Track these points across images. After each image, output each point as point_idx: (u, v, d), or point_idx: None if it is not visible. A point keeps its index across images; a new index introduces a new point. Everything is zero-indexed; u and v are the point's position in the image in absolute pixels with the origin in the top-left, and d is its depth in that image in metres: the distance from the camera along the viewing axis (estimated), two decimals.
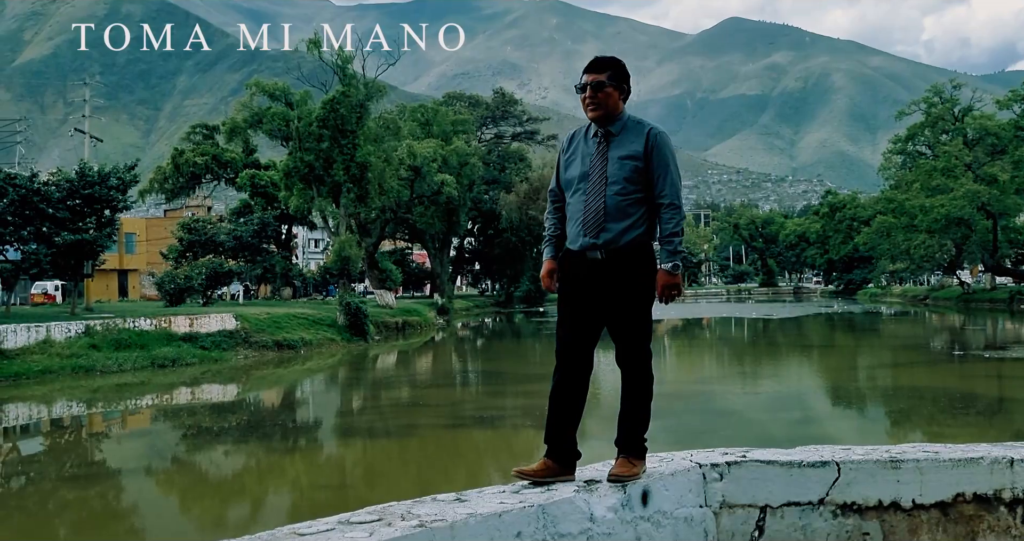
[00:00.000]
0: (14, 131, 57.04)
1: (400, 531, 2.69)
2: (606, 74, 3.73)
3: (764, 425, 17.28)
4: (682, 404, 21.77)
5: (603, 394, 24.07)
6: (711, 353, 37.77)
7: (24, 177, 33.80)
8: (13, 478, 15.63)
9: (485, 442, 16.27)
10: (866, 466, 3.48)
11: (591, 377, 3.85)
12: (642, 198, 3.62)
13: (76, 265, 35.15)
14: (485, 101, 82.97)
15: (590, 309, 3.63)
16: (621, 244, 3.58)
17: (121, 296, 64.76)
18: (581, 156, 3.76)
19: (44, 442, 19.11)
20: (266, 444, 17.82)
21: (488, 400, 21.29)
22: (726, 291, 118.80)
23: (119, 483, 15.03)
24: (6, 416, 22.42)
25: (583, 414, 3.84)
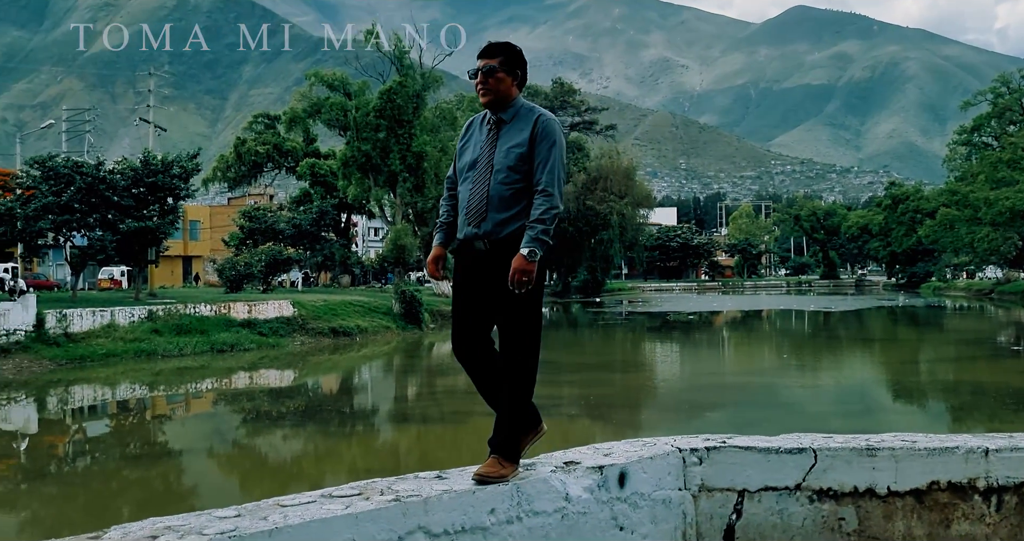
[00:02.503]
0: (84, 120, 58.48)
1: (375, 504, 2.86)
2: (498, 59, 3.59)
3: (822, 418, 17.23)
4: (740, 395, 21.79)
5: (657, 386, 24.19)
6: (770, 345, 37.53)
7: (90, 165, 34.69)
8: (79, 458, 16.22)
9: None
10: (842, 453, 3.59)
11: None
12: (526, 187, 3.50)
13: (140, 251, 36.01)
14: (544, 91, 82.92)
15: (477, 300, 3.54)
16: (503, 235, 3.48)
17: (185, 282, 66.13)
18: (473, 143, 3.66)
19: (109, 423, 19.76)
20: (323, 429, 18.24)
21: (540, 389, 21.40)
22: (786, 283, 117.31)
23: (180, 464, 15.49)
24: (72, 397, 23.20)
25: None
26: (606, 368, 27.92)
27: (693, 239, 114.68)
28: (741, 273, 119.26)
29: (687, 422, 17.68)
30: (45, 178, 33.77)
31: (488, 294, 3.52)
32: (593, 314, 56.57)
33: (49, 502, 12.69)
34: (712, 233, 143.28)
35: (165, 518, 2.67)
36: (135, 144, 49.35)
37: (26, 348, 26.38)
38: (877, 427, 15.59)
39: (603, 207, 70.54)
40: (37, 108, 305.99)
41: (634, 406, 20.59)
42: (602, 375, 25.85)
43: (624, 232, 73.80)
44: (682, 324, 48.54)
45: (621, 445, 3.78)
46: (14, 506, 12.67)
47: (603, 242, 73.33)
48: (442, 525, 2.97)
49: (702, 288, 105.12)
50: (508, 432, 3.50)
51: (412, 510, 2.92)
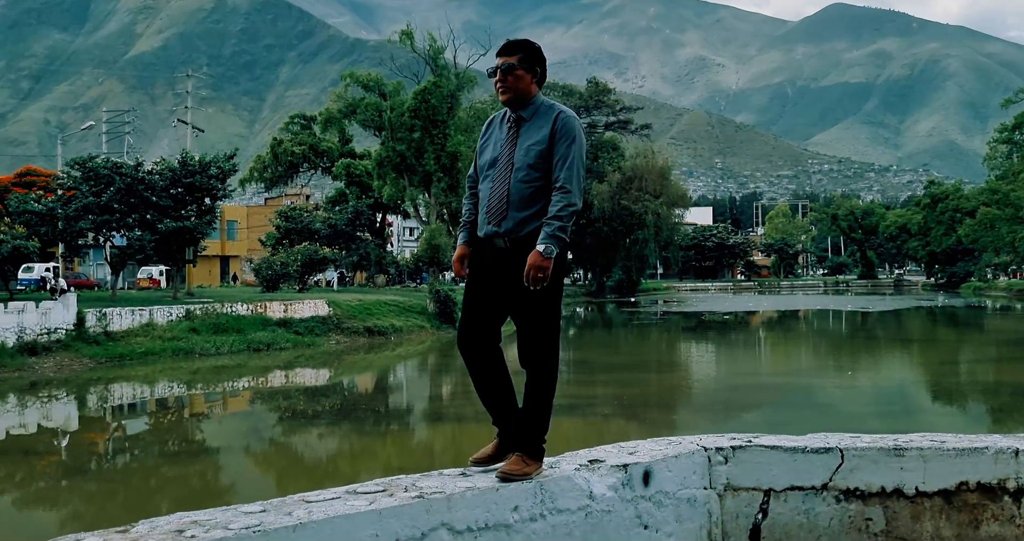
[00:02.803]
0: (124, 122, 59.19)
1: (399, 501, 2.88)
2: (517, 57, 3.57)
3: (860, 419, 17.08)
4: (776, 396, 21.67)
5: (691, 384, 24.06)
6: (807, 345, 37.27)
7: (130, 166, 35.13)
8: (119, 455, 16.45)
9: (573, 429, 16.48)
10: (870, 453, 3.56)
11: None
12: (547, 186, 3.47)
13: (178, 251, 36.41)
14: (579, 90, 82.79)
15: (492, 297, 3.53)
16: (523, 234, 3.45)
17: (223, 281, 66.74)
18: (494, 142, 3.64)
19: (147, 421, 20.01)
20: (358, 428, 18.35)
21: (576, 388, 21.42)
22: (823, 283, 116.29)
23: (217, 462, 15.66)
24: (111, 395, 23.53)
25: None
26: (640, 368, 27.86)
27: (729, 239, 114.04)
28: (777, 273, 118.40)
29: (723, 422, 17.61)
30: (85, 179, 34.27)
31: (505, 292, 3.50)
32: (628, 314, 56.42)
33: (89, 498, 12.88)
34: (748, 233, 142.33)
35: (192, 513, 2.72)
36: (174, 145, 49.92)
37: (67, 346, 26.79)
38: (915, 428, 15.30)
39: (638, 207, 70.34)
40: (79, 110, 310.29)
41: (668, 406, 20.54)
42: (636, 375, 25.80)
43: (659, 232, 73.55)
44: (717, 324, 48.29)
45: (646, 444, 3.77)
46: (55, 502, 12.88)
47: (638, 242, 73.12)
48: (465, 522, 2.98)
49: (738, 288, 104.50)
50: (532, 430, 3.47)
51: (435, 507, 2.94)
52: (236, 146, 44.35)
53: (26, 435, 17.87)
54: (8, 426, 18.83)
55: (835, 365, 28.79)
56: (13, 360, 24.93)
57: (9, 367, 24.60)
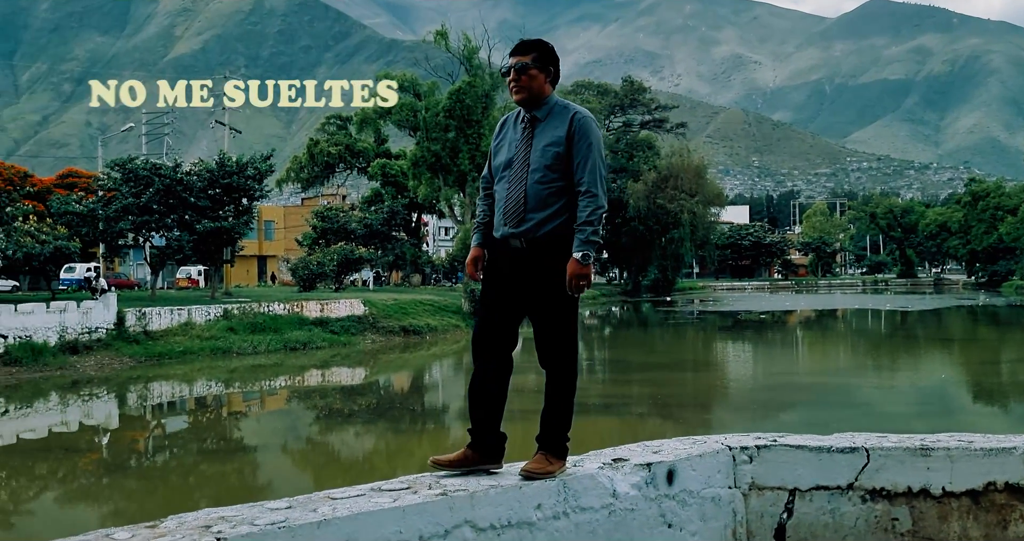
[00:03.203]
0: (163, 123, 59.88)
1: (422, 498, 2.93)
2: (531, 56, 3.54)
3: (900, 419, 16.93)
4: (814, 396, 21.50)
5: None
6: (845, 345, 36.96)
7: (168, 167, 35.53)
8: (158, 452, 16.68)
9: (608, 429, 16.49)
10: (896, 453, 3.55)
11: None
12: (564, 186, 3.46)
13: (216, 251, 36.77)
14: (614, 89, 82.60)
15: (510, 299, 3.51)
16: (540, 235, 3.44)
17: (260, 281, 67.33)
18: (508, 142, 3.60)
19: (186, 419, 20.25)
20: (394, 426, 18.45)
21: (611, 388, 21.41)
22: (862, 282, 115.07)
23: (255, 460, 15.82)
24: (151, 394, 23.84)
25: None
26: (676, 367, 27.75)
27: (765, 237, 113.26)
28: (815, 272, 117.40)
29: (759, 422, 17.49)
30: (125, 180, 34.72)
31: (522, 293, 3.49)
32: (663, 313, 56.22)
33: (129, 495, 13.05)
34: (785, 231, 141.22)
35: (220, 509, 2.77)
36: (212, 146, 50.47)
37: (107, 345, 27.18)
38: (956, 429, 15.16)
39: (673, 206, 70.06)
40: (119, 112, 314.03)
41: (704, 406, 20.45)
42: (672, 374, 25.71)
43: (695, 230, 73.22)
44: (754, 323, 47.99)
45: (671, 443, 3.79)
46: (96, 498, 13.06)
47: (674, 241, 72.84)
48: (488, 519, 3.02)
49: (775, 287, 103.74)
50: (556, 429, 3.50)
51: (459, 504, 2.97)
52: (273, 147, 44.72)
53: (68, 433, 18.14)
54: (51, 424, 19.15)
55: (874, 365, 28.53)
56: (55, 359, 25.32)
57: (51, 366, 24.99)
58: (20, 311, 25.39)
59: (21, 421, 19.36)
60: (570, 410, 3.60)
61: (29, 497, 13.19)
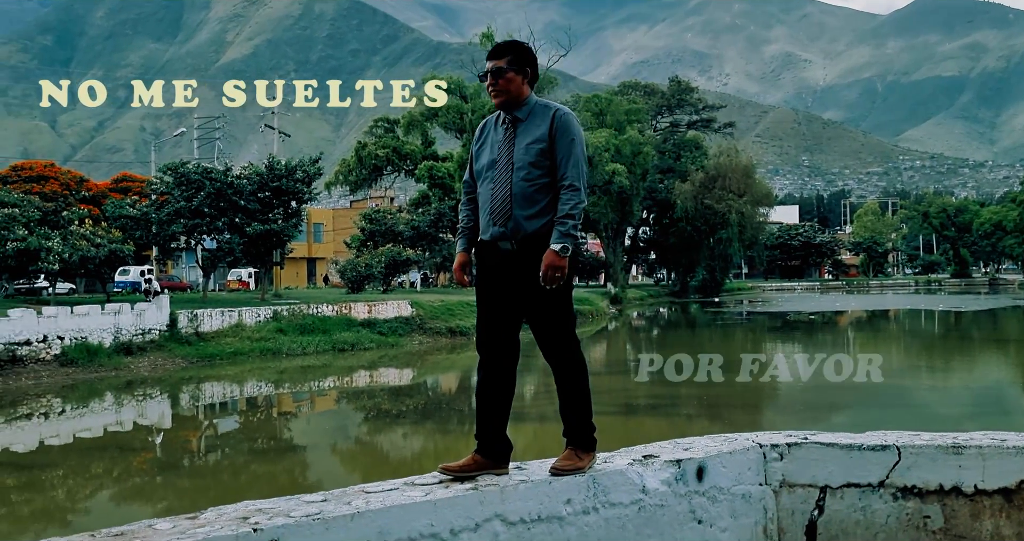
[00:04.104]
0: (214, 128, 60.77)
1: (453, 492, 3.00)
2: (506, 59, 3.56)
3: (954, 421, 16.71)
4: (866, 398, 21.26)
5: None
6: (897, 346, 36.45)
7: (219, 171, 36.04)
8: (211, 452, 16.95)
9: (656, 430, 16.46)
10: (927, 451, 3.55)
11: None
12: (550, 183, 3.49)
13: (266, 253, 37.23)
14: (661, 90, 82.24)
15: (505, 300, 3.53)
16: (529, 232, 3.47)
17: (309, 283, 68.03)
18: (490, 144, 3.63)
19: (237, 419, 20.55)
20: (442, 427, 18.57)
21: (659, 388, 21.33)
22: (914, 282, 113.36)
23: (304, 459, 16.02)
24: (203, 394, 24.22)
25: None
26: (724, 368, 27.56)
27: (816, 237, 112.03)
28: (866, 272, 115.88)
29: (810, 423, 17.32)
30: (177, 184, 35.28)
31: (517, 293, 3.51)
32: (712, 314, 55.86)
33: (182, 493, 13.29)
34: (836, 231, 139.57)
35: (257, 501, 2.87)
36: (263, 150, 51.16)
37: (160, 346, 27.66)
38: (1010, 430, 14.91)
39: (721, 206, 69.58)
40: (173, 116, 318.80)
41: (753, 407, 20.31)
42: (720, 375, 25.54)
43: (743, 231, 72.64)
44: (804, 324, 47.52)
45: (702, 440, 3.82)
46: (150, 497, 13.31)
47: (722, 241, 72.33)
48: (518, 514, 3.08)
49: (825, 288, 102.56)
50: (579, 423, 3.54)
51: (489, 498, 3.04)
52: (322, 150, 45.15)
53: (123, 432, 18.48)
54: (106, 423, 19.53)
55: (927, 366, 28.14)
56: (110, 360, 25.82)
57: (106, 366, 25.49)
58: (76, 313, 25.94)
59: (77, 421, 19.78)
60: (587, 401, 3.62)
61: (85, 495, 13.48)
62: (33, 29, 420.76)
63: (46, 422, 19.49)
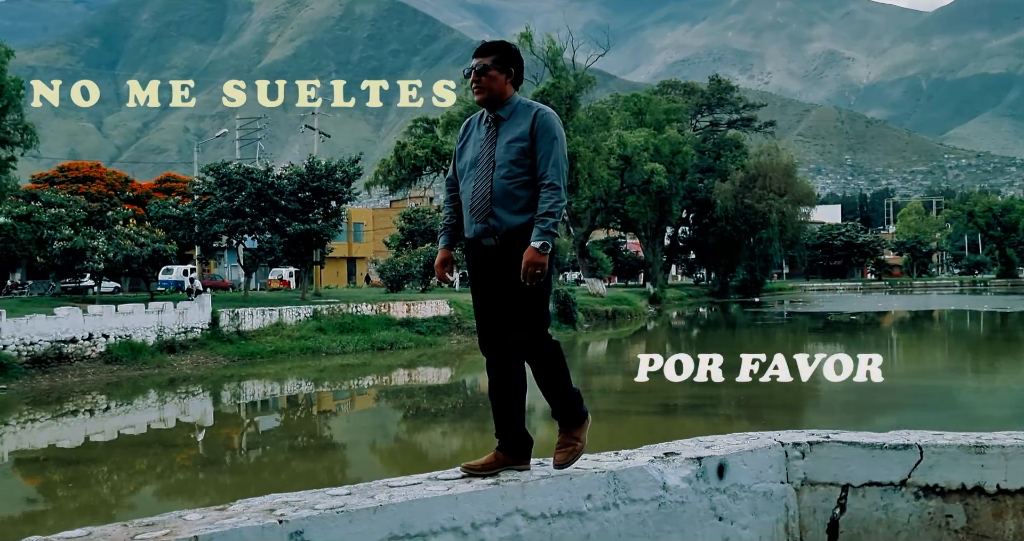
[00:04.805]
0: (256, 128, 61.38)
1: (475, 487, 3.07)
2: (491, 58, 3.62)
3: (999, 422, 16.52)
4: (909, 399, 21.08)
5: None
6: (941, 346, 36.04)
7: (260, 171, 36.42)
8: (252, 449, 17.18)
9: (696, 430, 16.43)
10: (949, 450, 3.56)
11: None
12: (530, 181, 3.52)
13: (306, 253, 37.55)
14: (700, 88, 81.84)
15: (495, 297, 3.59)
16: (511, 228, 3.51)
17: (349, 282, 68.48)
18: (473, 142, 3.69)
19: (278, 417, 20.79)
20: (480, 426, 18.63)
21: (698, 389, 21.25)
22: (959, 282, 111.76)
23: (344, 457, 16.17)
24: (244, 392, 24.52)
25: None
26: (764, 368, 27.39)
27: (858, 237, 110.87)
28: (910, 272, 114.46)
29: (852, 425, 17.22)
30: (219, 184, 35.69)
31: (502, 288, 3.55)
32: (752, 314, 55.51)
33: (224, 490, 13.47)
34: (879, 231, 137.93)
35: (284, 494, 2.96)
36: (304, 150, 51.60)
37: (202, 345, 28.04)
38: None
39: (762, 205, 69.10)
40: (216, 117, 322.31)
41: (794, 407, 20.18)
42: (759, 374, 25.38)
43: (784, 230, 72.09)
44: (845, 325, 47.09)
45: (724, 438, 3.86)
46: (192, 492, 13.52)
47: (762, 241, 71.84)
48: (539, 508, 3.14)
49: (867, 288, 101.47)
50: (565, 404, 3.63)
51: (510, 493, 3.10)
52: (362, 150, 45.42)
53: (166, 429, 18.77)
54: (149, 420, 19.85)
55: (972, 367, 27.79)
56: (153, 357, 26.22)
57: (150, 364, 25.88)
58: (121, 312, 26.37)
59: (122, 417, 20.11)
60: (567, 380, 3.69)
61: (129, 490, 13.72)
62: (80, 32, 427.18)
63: (91, 418, 19.84)
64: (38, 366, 23.56)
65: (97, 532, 2.62)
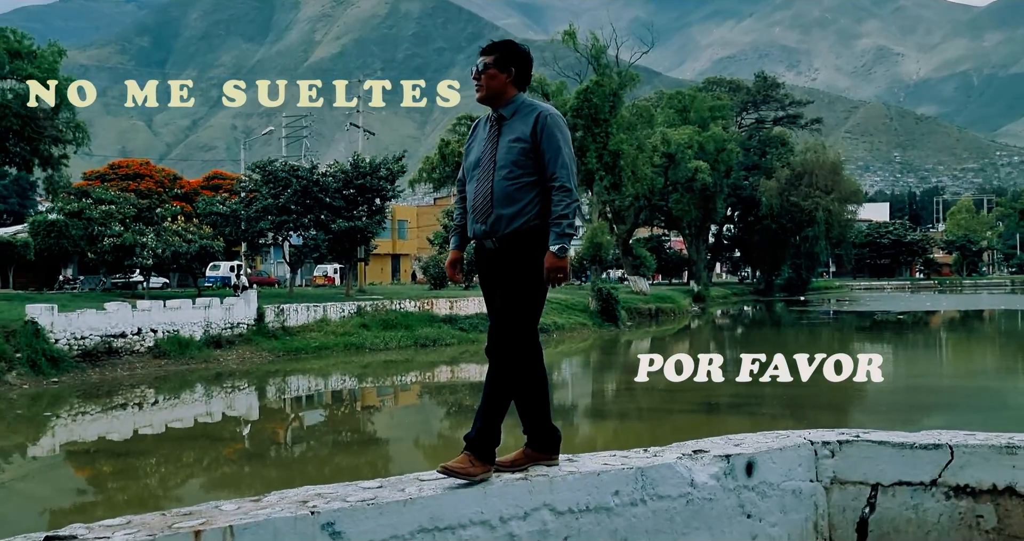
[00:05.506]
0: (302, 126, 61.97)
1: (503, 482, 3.13)
2: (493, 57, 3.60)
3: None
4: (958, 400, 20.82)
5: None
6: (992, 347, 35.48)
7: (305, 169, 36.77)
8: (297, 443, 17.38)
9: (736, 429, 16.35)
10: (980, 450, 3.54)
11: None
12: (533, 182, 3.48)
13: (350, 250, 37.84)
14: (746, 85, 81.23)
15: (492, 299, 3.62)
16: (509, 231, 3.48)
17: (393, 279, 68.85)
18: (478, 142, 3.67)
19: (322, 413, 21.00)
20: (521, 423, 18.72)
21: (744, 387, 21.12)
22: (1010, 281, 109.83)
23: (387, 453, 16.28)
24: (289, 387, 24.80)
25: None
26: (808, 367, 27.15)
27: (906, 235, 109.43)
28: (960, 271, 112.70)
29: (899, 425, 17.03)
30: (265, 181, 36.09)
31: (499, 291, 3.55)
32: (797, 313, 55.01)
33: (269, 483, 13.63)
34: (928, 229, 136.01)
35: (318, 486, 3.04)
36: (349, 147, 52.01)
37: (248, 340, 28.39)
38: None
39: (808, 203, 68.48)
40: (263, 115, 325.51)
41: (839, 408, 19.99)
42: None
43: (830, 228, 71.39)
44: (893, 324, 46.51)
45: (753, 436, 3.87)
46: (238, 486, 13.70)
47: (808, 239, 71.20)
48: (567, 503, 3.19)
49: (916, 287, 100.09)
50: (485, 430, 3.47)
51: (538, 488, 3.15)
52: (407, 148, 45.77)
53: (212, 423, 19.03)
54: (196, 414, 20.14)
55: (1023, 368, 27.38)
56: (200, 352, 26.60)
57: (197, 359, 26.27)
58: (169, 307, 26.79)
59: (169, 411, 20.43)
60: (502, 414, 3.55)
61: (176, 483, 13.94)
62: (131, 31, 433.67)
63: (140, 412, 20.18)
64: (89, 360, 24.00)
65: (136, 520, 2.71)
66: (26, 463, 15.55)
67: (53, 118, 28.93)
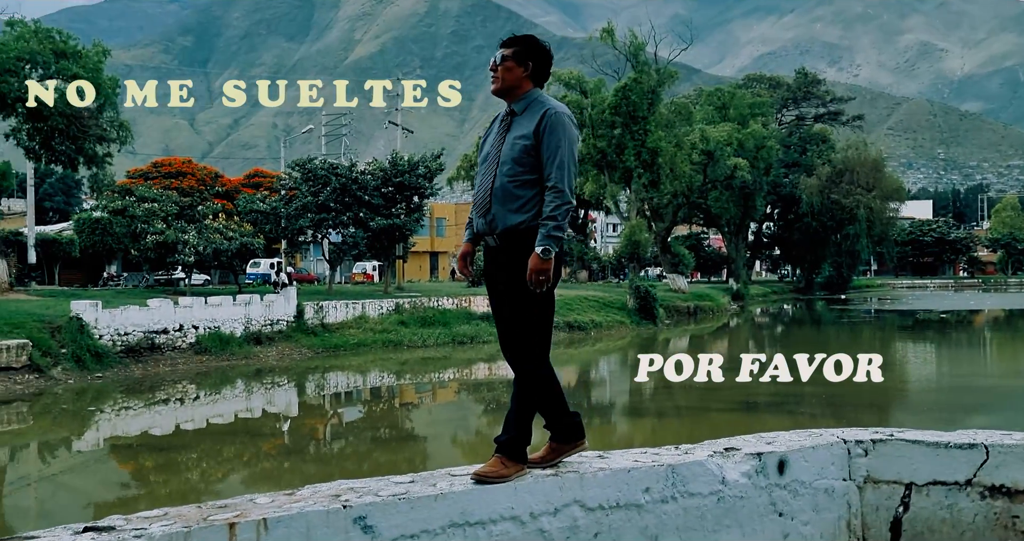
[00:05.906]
0: (341, 124, 62.39)
1: (534, 478, 3.16)
2: (512, 49, 3.57)
3: None
4: (1002, 400, 20.57)
5: None
6: None
7: (344, 167, 37.02)
8: (336, 439, 17.53)
9: (777, 428, 16.24)
10: (1017, 450, 3.50)
11: None
12: (534, 180, 3.41)
13: (389, 247, 38.05)
14: (787, 82, 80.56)
15: (495, 298, 3.59)
16: (507, 228, 3.43)
17: (432, 276, 69.11)
18: (491, 137, 3.63)
19: (361, 409, 21.14)
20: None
21: (783, 386, 20.98)
22: None
23: (424, 450, 16.36)
24: (328, 383, 25.00)
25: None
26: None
27: (950, 233, 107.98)
28: (1004, 269, 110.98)
29: (943, 426, 16.84)
30: (305, 179, 36.40)
31: (500, 289, 3.52)
32: (838, 311, 54.50)
33: (307, 479, 13.72)
34: (972, 227, 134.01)
35: (351, 481, 3.08)
36: (388, 146, 52.34)
37: (288, 337, 28.65)
38: None
39: (849, 201, 67.80)
40: (303, 113, 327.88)
41: (880, 407, 19.78)
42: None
43: (872, 226, 70.63)
44: (935, 323, 45.93)
45: (786, 435, 3.86)
46: (277, 481, 13.85)
47: (849, 237, 70.52)
48: (597, 500, 3.20)
49: (960, 285, 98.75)
50: (516, 433, 3.47)
51: (569, 484, 3.17)
52: (445, 146, 45.93)
53: (252, 418, 19.23)
54: (237, 409, 20.38)
55: None
56: (241, 348, 26.88)
57: (237, 355, 26.55)
58: (210, 304, 27.11)
59: (210, 407, 20.69)
60: (531, 416, 3.56)
61: (217, 477, 14.12)
62: (174, 31, 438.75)
63: (181, 407, 20.45)
64: (132, 356, 24.35)
65: (173, 512, 2.77)
66: (71, 457, 15.84)
67: (98, 117, 29.32)
